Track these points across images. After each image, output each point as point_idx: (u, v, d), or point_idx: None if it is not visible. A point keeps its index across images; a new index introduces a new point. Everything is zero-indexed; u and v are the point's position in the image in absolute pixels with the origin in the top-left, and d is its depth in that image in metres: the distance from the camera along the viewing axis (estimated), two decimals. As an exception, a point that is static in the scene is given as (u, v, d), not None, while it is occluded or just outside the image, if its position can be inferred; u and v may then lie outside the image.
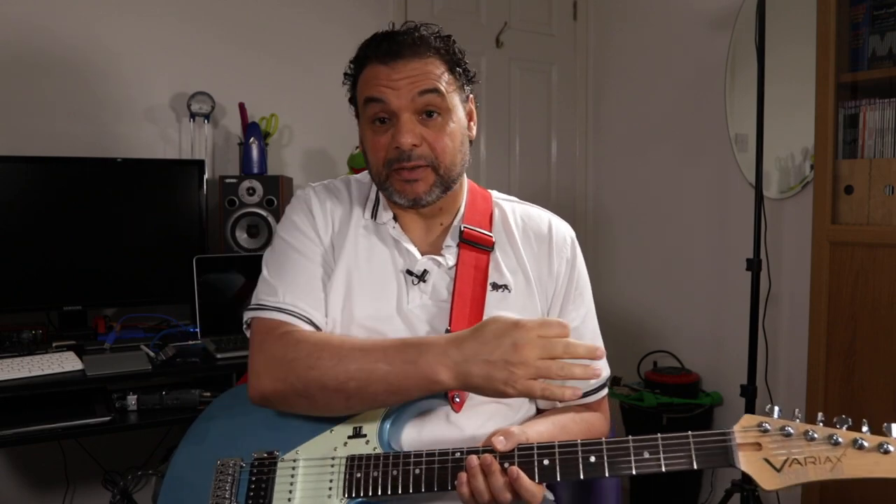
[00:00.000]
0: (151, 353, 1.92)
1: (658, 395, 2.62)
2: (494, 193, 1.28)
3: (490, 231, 1.19)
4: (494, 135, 3.10)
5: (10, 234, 2.01)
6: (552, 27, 3.21)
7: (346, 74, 1.19)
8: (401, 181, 1.11)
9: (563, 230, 1.23)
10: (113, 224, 2.13)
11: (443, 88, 1.11)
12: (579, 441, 0.95)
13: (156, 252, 2.18)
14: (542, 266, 1.19)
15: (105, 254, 2.12)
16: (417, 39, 1.11)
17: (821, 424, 0.87)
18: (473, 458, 0.95)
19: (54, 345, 1.98)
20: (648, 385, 2.71)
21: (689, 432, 0.91)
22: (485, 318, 1.10)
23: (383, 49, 1.11)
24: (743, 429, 0.90)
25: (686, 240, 2.85)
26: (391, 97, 1.09)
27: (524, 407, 1.18)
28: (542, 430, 1.09)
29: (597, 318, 1.25)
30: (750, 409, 2.27)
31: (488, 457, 0.95)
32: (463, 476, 0.95)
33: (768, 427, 0.88)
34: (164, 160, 2.36)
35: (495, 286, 1.15)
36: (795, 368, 2.36)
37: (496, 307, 1.13)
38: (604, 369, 1.21)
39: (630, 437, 0.93)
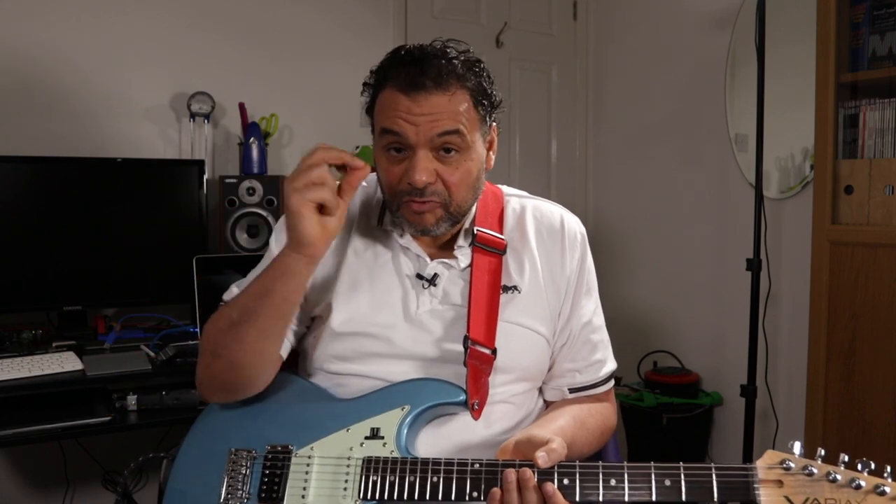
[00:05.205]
0: (151, 353, 1.92)
1: (658, 395, 2.62)
2: (505, 189, 1.27)
3: (501, 232, 1.19)
4: (494, 135, 3.08)
5: (10, 234, 2.01)
6: (552, 27, 3.21)
7: (365, 84, 1.14)
8: (411, 212, 1.10)
9: (575, 226, 1.23)
10: (113, 224, 2.13)
11: (464, 128, 1.07)
12: (601, 464, 0.94)
13: (156, 252, 2.17)
14: (555, 262, 1.19)
15: (105, 254, 2.12)
16: (444, 69, 1.05)
17: (843, 466, 0.88)
18: (511, 473, 0.94)
19: (54, 345, 1.98)
20: (648, 385, 2.71)
21: (712, 464, 0.92)
22: (499, 322, 1.11)
23: (406, 77, 1.05)
24: (766, 465, 0.90)
25: (686, 240, 2.85)
26: (409, 132, 1.05)
27: (528, 403, 1.19)
28: (564, 425, 1.10)
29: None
30: (750, 409, 2.28)
31: (527, 471, 0.94)
32: (497, 493, 0.94)
33: (791, 465, 0.89)
34: (164, 160, 2.35)
35: (505, 288, 1.15)
36: (795, 368, 2.36)
37: (505, 308, 1.13)
38: (610, 362, 1.24)
39: (653, 464, 0.93)
